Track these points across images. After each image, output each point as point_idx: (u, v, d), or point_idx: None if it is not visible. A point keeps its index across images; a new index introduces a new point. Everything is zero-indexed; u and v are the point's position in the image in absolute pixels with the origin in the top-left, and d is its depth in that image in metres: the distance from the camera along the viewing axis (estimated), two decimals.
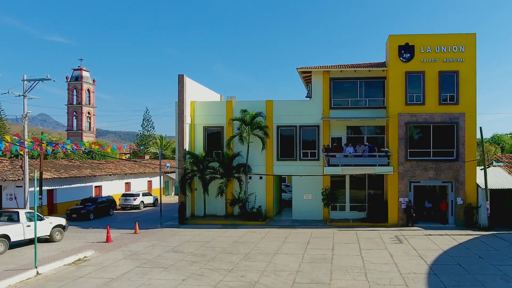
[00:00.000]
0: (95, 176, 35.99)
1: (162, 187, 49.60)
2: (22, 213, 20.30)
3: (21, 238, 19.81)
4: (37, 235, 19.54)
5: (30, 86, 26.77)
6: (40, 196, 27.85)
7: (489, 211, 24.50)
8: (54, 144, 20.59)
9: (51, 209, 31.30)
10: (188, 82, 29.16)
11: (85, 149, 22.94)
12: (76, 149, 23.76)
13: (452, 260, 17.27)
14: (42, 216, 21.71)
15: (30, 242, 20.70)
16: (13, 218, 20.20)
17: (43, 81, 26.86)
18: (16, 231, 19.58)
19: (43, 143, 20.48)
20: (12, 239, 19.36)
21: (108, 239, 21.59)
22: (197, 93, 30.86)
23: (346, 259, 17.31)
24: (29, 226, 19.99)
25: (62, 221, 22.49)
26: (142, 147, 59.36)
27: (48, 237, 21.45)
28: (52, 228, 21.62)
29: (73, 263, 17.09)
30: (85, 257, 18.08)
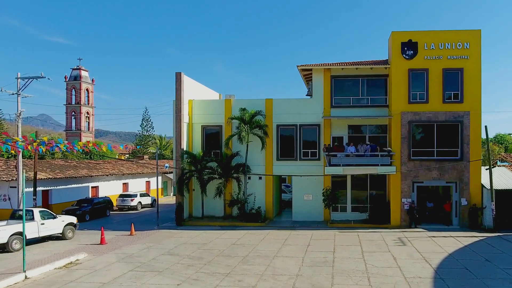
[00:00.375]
0: (91, 176, 35.33)
1: (160, 187, 49.08)
2: (36, 212, 21.01)
3: (36, 235, 20.54)
4: (50, 233, 21.57)
5: (24, 84, 26.27)
6: (34, 197, 27.23)
7: (494, 212, 23.83)
8: (45, 143, 19.91)
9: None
10: (186, 80, 28.50)
11: (79, 148, 22.23)
12: (70, 148, 23.08)
13: (458, 263, 16.61)
14: (55, 214, 22.38)
15: (42, 239, 21.73)
16: (27, 216, 20.54)
17: (37, 79, 26.38)
18: (31, 229, 20.19)
19: (34, 142, 19.83)
20: (28, 237, 19.72)
21: (102, 241, 20.95)
22: (195, 91, 30.21)
23: (348, 262, 16.66)
24: (43, 224, 20.97)
25: (73, 219, 23.26)
26: (138, 146, 58.63)
27: (61, 235, 22.13)
28: (64, 226, 22.30)
29: (64, 266, 16.45)
30: (77, 260, 17.43)
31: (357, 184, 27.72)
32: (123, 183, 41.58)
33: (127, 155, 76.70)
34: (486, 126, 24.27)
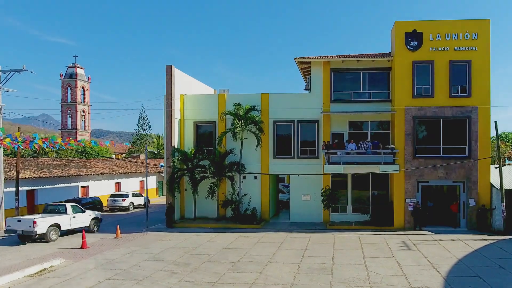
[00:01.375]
0: (80, 175, 33.84)
1: (156, 187, 47.63)
2: (68, 206, 22.66)
3: (68, 227, 22.23)
4: (80, 226, 22.91)
5: (5, 78, 24.93)
6: (17, 197, 25.78)
7: (504, 214, 22.31)
8: (18, 140, 18.45)
9: (32, 211, 29.01)
10: (177, 74, 26.97)
11: (60, 145, 20.79)
12: (52, 145, 21.65)
13: (469, 270, 15.08)
14: (83, 209, 23.94)
15: (68, 233, 22.79)
16: (61, 210, 22.46)
17: (19, 72, 25.09)
18: (65, 221, 22.00)
19: (7, 138, 18.36)
20: (62, 228, 21.80)
21: (83, 245, 19.42)
22: (188, 86, 28.68)
23: (348, 270, 15.13)
24: (74, 217, 22.58)
25: (98, 214, 24.92)
26: (127, 143, 57.11)
27: (87, 228, 23.26)
28: (91, 220, 23.73)
29: (35, 274, 14.93)
30: (51, 266, 15.90)
31: (358, 183, 26.18)
32: (116, 183, 40.11)
33: (124, 155, 75.29)
34: (495, 122, 22.74)
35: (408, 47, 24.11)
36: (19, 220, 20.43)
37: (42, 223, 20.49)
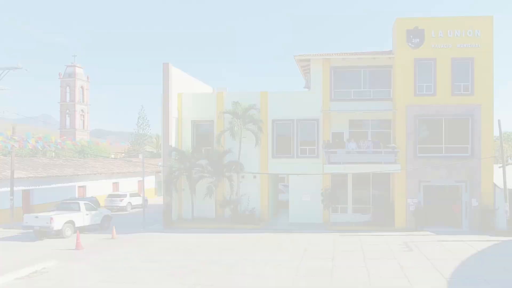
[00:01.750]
0: (77, 175, 33.42)
1: (154, 187, 47.22)
2: (82, 204, 23.37)
3: (82, 224, 22.71)
4: (92, 223, 23.71)
5: None
6: (11, 197, 25.37)
7: (508, 214, 21.90)
8: (10, 138, 18.07)
9: (28, 211, 28.52)
10: (175, 72, 26.55)
11: (54, 144, 20.39)
12: (47, 145, 21.23)
13: (473, 272, 14.66)
14: (95, 207, 24.61)
15: (80, 230, 22.02)
16: (74, 207, 23.21)
17: (14, 69, 24.51)
18: (78, 218, 22.64)
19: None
20: (76, 225, 22.22)
21: (78, 246, 19.00)
22: (186, 84, 28.23)
23: (349, 272, 14.71)
24: (87, 214, 23.26)
25: (109, 212, 25.87)
26: (122, 143, 56.67)
27: (99, 225, 24.13)
28: (102, 218, 24.45)
29: (27, 276, 14.50)
30: (43, 268, 15.46)
31: (359, 183, 25.74)
32: (113, 183, 39.66)
33: (123, 154, 74.86)
34: (499, 120, 22.36)
35: (410, 44, 23.70)
36: (36, 217, 21.37)
37: (59, 219, 21.26)
